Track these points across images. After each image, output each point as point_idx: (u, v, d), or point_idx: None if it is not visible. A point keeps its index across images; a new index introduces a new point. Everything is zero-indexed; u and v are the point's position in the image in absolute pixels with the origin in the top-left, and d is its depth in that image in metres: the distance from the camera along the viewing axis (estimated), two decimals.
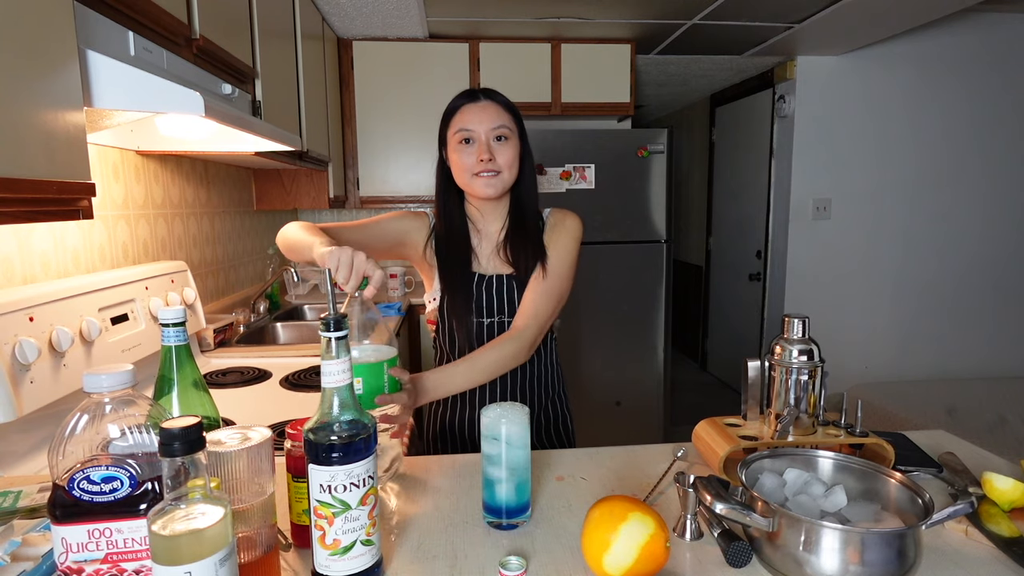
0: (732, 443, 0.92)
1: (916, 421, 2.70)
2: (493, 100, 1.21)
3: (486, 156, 1.17)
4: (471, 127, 1.18)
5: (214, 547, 0.53)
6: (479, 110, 1.19)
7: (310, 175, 2.75)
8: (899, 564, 0.66)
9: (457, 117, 1.21)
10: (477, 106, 1.19)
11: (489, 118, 1.19)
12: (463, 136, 1.19)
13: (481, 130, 1.18)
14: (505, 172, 1.20)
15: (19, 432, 1.05)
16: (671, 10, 2.74)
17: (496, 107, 1.20)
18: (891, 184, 3.66)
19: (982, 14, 3.44)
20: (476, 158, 1.18)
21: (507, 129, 1.20)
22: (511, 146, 1.20)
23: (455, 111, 1.22)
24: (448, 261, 1.26)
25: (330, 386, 0.67)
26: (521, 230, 1.25)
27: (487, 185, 1.19)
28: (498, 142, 1.19)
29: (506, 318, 1.25)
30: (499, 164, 1.19)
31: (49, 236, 1.31)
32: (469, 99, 1.21)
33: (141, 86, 0.95)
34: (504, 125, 1.19)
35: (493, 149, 1.18)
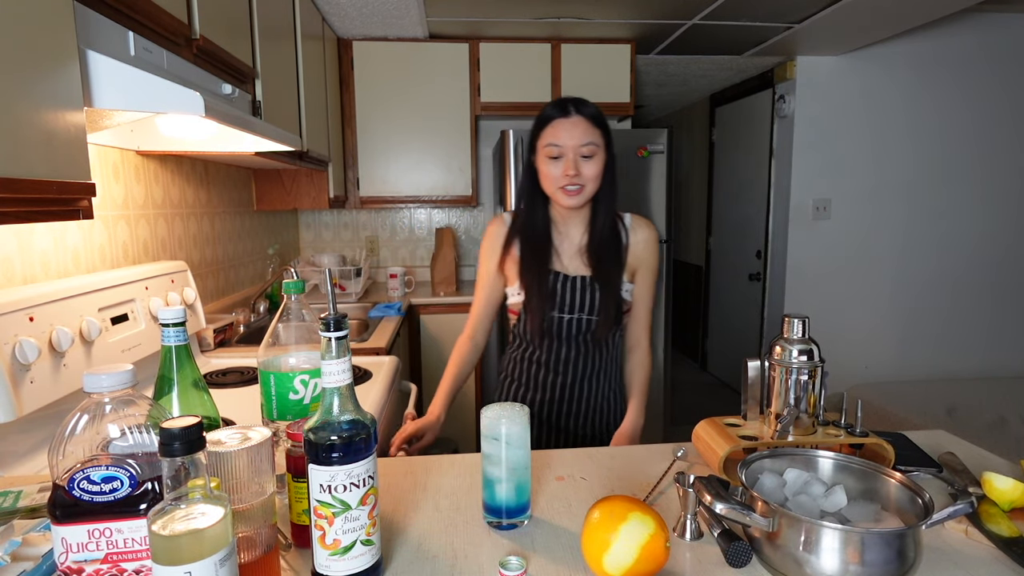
0: (732, 443, 0.92)
1: (916, 421, 2.70)
2: (583, 115, 1.25)
3: (572, 172, 1.23)
4: (560, 143, 1.24)
5: (214, 547, 0.53)
6: (570, 126, 1.24)
7: (310, 175, 2.75)
8: (899, 564, 0.66)
9: (548, 130, 1.26)
10: (568, 121, 1.24)
11: (578, 135, 1.23)
12: (552, 152, 1.25)
13: (569, 146, 1.24)
14: (589, 185, 1.26)
15: (19, 432, 1.05)
16: (671, 10, 2.74)
17: (586, 123, 1.24)
18: (891, 184, 3.66)
19: (982, 14, 3.44)
20: (563, 172, 1.24)
21: (594, 146, 1.25)
22: (597, 162, 1.26)
23: (547, 123, 1.27)
24: (529, 260, 1.33)
25: (330, 386, 0.67)
26: (602, 236, 1.33)
27: (571, 198, 1.26)
28: (585, 159, 1.25)
29: (584, 315, 1.33)
30: (584, 179, 1.25)
31: (49, 236, 1.31)
32: (561, 112, 1.25)
33: (141, 86, 0.95)
34: (592, 142, 1.24)
35: (579, 165, 1.24)
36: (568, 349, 1.36)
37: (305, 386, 0.90)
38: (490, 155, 3.51)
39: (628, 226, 1.37)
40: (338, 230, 3.51)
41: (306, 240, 3.50)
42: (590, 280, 1.33)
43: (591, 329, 1.34)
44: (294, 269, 1.35)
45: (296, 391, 0.90)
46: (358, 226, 3.53)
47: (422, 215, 3.57)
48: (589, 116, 1.25)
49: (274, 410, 0.90)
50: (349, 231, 3.53)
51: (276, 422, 0.90)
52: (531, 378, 1.41)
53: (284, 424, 0.88)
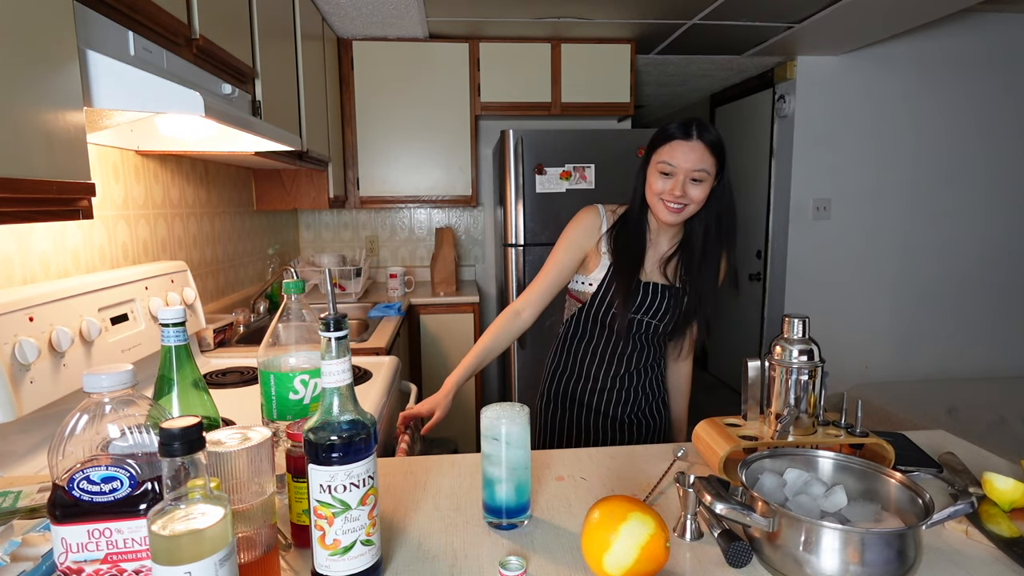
0: (732, 443, 0.92)
1: (916, 421, 2.70)
2: (703, 141, 1.26)
3: (679, 192, 1.26)
4: (674, 164, 1.26)
5: (214, 547, 0.53)
6: (687, 150, 1.25)
7: (310, 175, 2.75)
8: (899, 564, 0.66)
9: (665, 149, 1.28)
10: (687, 145, 1.26)
11: (693, 160, 1.25)
12: (664, 169, 1.27)
13: (682, 169, 1.25)
14: (692, 206, 1.29)
15: (19, 432, 1.05)
16: (671, 10, 2.74)
17: (703, 150, 1.26)
18: (891, 184, 3.66)
19: (982, 14, 3.44)
20: (669, 189, 1.27)
21: (705, 173, 1.26)
22: (705, 187, 1.28)
23: (666, 140, 1.28)
24: (622, 263, 1.36)
25: (330, 386, 0.67)
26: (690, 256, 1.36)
27: (671, 214, 1.29)
28: (693, 182, 1.27)
29: (653, 320, 1.38)
30: (688, 199, 1.27)
31: (49, 236, 1.31)
32: (682, 135, 1.27)
33: (141, 86, 0.95)
34: (704, 169, 1.26)
35: (687, 187, 1.27)
36: (626, 344, 1.42)
37: (305, 386, 0.90)
38: (490, 155, 3.51)
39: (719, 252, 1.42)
40: (338, 230, 3.51)
41: (306, 240, 3.50)
42: (662, 288, 1.37)
43: (654, 331, 1.40)
44: (294, 269, 1.35)
45: (296, 391, 0.90)
46: (358, 226, 3.53)
47: (422, 215, 3.57)
48: (708, 143, 1.27)
49: (274, 410, 0.90)
50: (349, 231, 3.53)
51: (276, 422, 0.90)
52: (585, 369, 1.45)
53: (284, 424, 0.88)
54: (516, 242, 2.87)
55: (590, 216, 1.44)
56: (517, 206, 2.84)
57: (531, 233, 2.87)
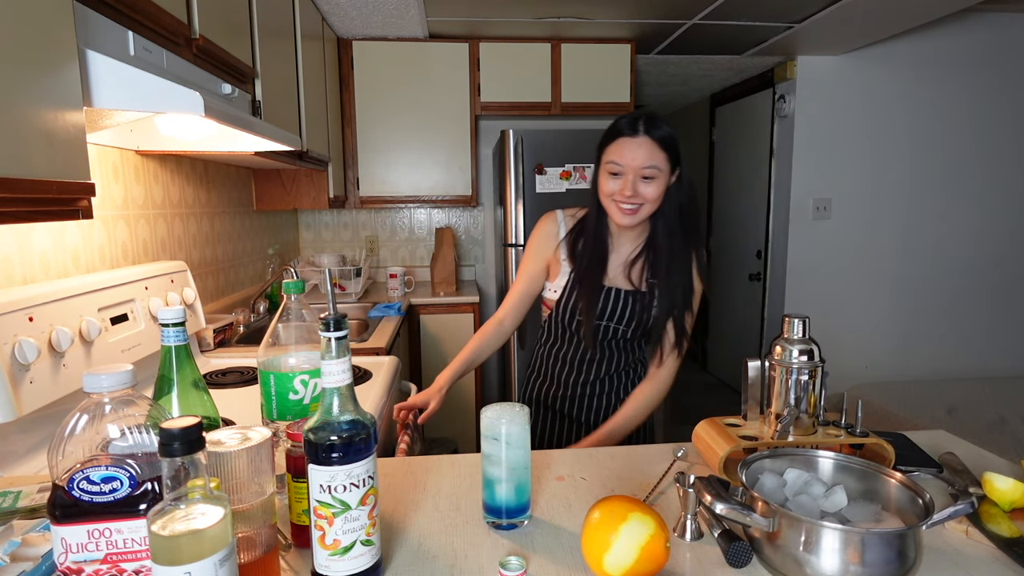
0: (732, 443, 0.92)
1: (916, 421, 2.70)
2: (651, 137, 1.21)
3: (629, 192, 1.21)
4: (622, 162, 1.21)
5: (214, 547, 0.53)
6: (634, 147, 1.21)
7: (310, 175, 2.75)
8: (899, 564, 0.66)
9: (613, 147, 1.24)
10: (634, 142, 1.21)
11: (641, 157, 1.20)
12: (613, 169, 1.23)
13: (630, 168, 1.21)
14: (647, 206, 1.24)
15: (19, 432, 1.05)
16: (671, 10, 2.74)
17: (651, 146, 1.20)
18: (891, 184, 3.66)
19: (982, 14, 3.44)
20: (620, 190, 1.22)
21: (656, 169, 1.21)
22: (658, 184, 1.22)
23: (612, 139, 1.24)
24: (583, 270, 1.32)
25: (330, 386, 0.67)
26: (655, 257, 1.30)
27: (624, 215, 1.24)
28: (645, 180, 1.22)
29: (620, 326, 1.34)
30: (641, 198, 1.22)
31: (49, 236, 1.31)
32: (629, 131, 1.22)
33: (141, 86, 0.95)
34: (654, 166, 1.21)
35: (637, 186, 1.22)
36: (595, 352, 1.38)
37: (305, 386, 0.90)
38: (490, 155, 3.51)
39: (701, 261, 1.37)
40: (338, 230, 3.51)
41: (306, 240, 3.50)
42: (629, 295, 1.33)
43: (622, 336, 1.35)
44: (294, 269, 1.36)
45: (296, 391, 0.90)
46: (358, 226, 3.53)
47: (422, 215, 3.57)
48: (657, 139, 1.21)
49: (274, 410, 0.90)
50: (349, 231, 3.53)
51: (276, 422, 0.90)
52: (555, 375, 1.42)
53: (284, 424, 0.88)
54: (516, 242, 2.87)
55: (547, 224, 1.41)
56: (517, 206, 2.84)
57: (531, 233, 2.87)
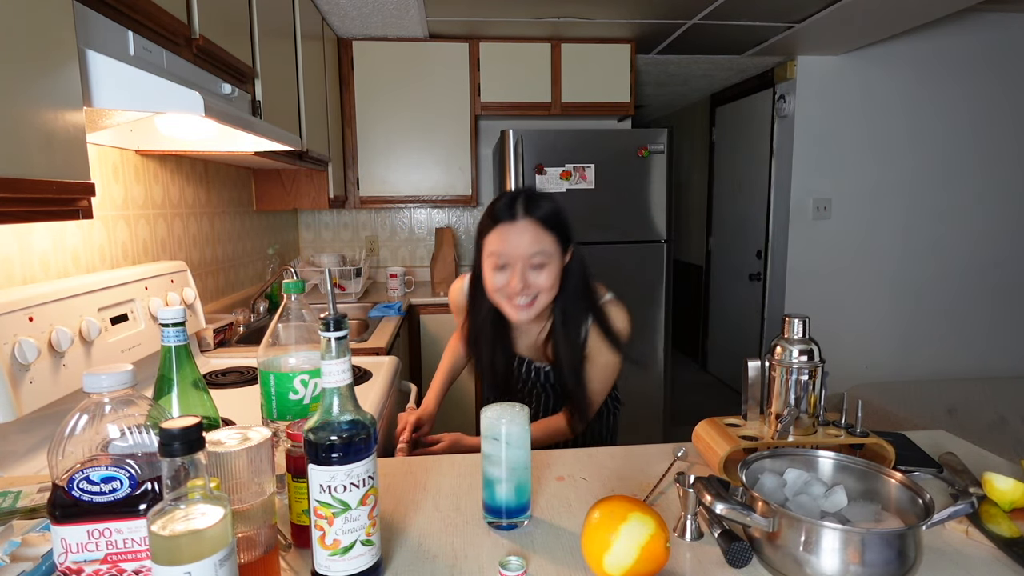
0: (732, 443, 0.92)
1: (916, 421, 2.70)
2: (533, 219, 1.09)
3: (519, 285, 1.09)
4: (506, 254, 1.09)
5: (214, 547, 0.53)
6: (516, 234, 1.09)
7: (310, 175, 2.75)
8: (899, 564, 0.66)
9: (492, 237, 1.11)
10: (514, 229, 1.09)
11: (527, 244, 1.08)
12: (496, 262, 1.11)
13: (516, 257, 1.09)
14: (542, 296, 1.12)
15: (19, 432, 1.05)
16: (671, 10, 2.74)
17: (535, 230, 1.09)
18: (891, 184, 3.66)
19: (982, 14, 3.44)
20: (508, 283, 1.11)
21: (545, 255, 1.10)
22: (550, 270, 1.11)
23: (490, 228, 1.12)
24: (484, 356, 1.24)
25: (330, 386, 0.67)
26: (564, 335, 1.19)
27: (520, 312, 1.13)
28: (535, 269, 1.10)
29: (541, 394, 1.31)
30: (535, 289, 1.11)
31: (49, 236, 1.31)
32: (507, 215, 1.10)
33: (141, 86, 0.95)
34: (542, 251, 1.09)
35: (527, 276, 1.10)
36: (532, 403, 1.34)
37: (305, 386, 0.90)
38: (490, 155, 3.51)
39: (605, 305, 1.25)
40: (338, 230, 3.51)
41: (306, 240, 3.50)
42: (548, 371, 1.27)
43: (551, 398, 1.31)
44: (294, 269, 1.35)
45: (296, 391, 0.90)
46: (358, 226, 3.53)
47: (422, 215, 3.57)
48: (540, 219, 1.09)
49: (274, 410, 0.90)
50: (349, 231, 3.53)
51: (276, 422, 0.90)
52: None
53: (284, 424, 0.88)
54: None
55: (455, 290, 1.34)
56: None
57: None
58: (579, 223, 3.09)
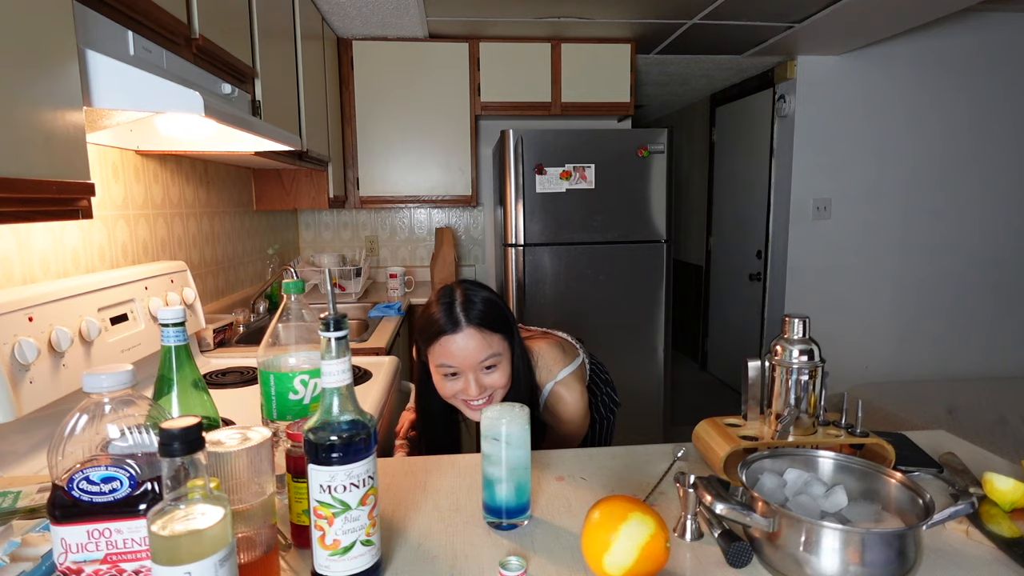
0: (732, 443, 0.92)
1: (916, 421, 2.70)
2: (474, 325, 1.06)
3: (475, 391, 1.08)
4: (456, 364, 1.08)
5: (214, 547, 0.53)
6: (462, 343, 1.06)
7: (310, 175, 2.75)
8: (899, 564, 0.66)
9: (438, 349, 1.08)
10: (460, 338, 1.06)
11: (475, 351, 1.06)
12: (447, 372, 1.09)
13: (467, 366, 1.07)
14: (498, 393, 1.12)
15: (19, 432, 1.05)
16: (671, 10, 2.74)
17: (480, 335, 1.06)
18: (891, 184, 3.66)
19: (982, 14, 3.44)
20: (463, 390, 1.09)
21: (497, 356, 1.08)
22: (503, 368, 1.10)
23: (433, 341, 1.08)
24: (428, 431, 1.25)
25: (330, 386, 0.67)
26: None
27: (476, 411, 1.11)
28: (488, 371, 1.09)
29: None
30: (491, 391, 1.11)
31: (49, 236, 1.31)
32: (450, 327, 1.06)
33: (141, 86, 0.95)
34: (494, 354, 1.08)
35: (482, 380, 1.09)
36: None
37: (305, 386, 0.90)
38: (490, 155, 3.51)
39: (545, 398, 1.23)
40: (338, 230, 3.51)
41: (306, 240, 3.50)
42: None
43: None
44: (294, 269, 1.35)
45: (296, 391, 0.90)
46: (358, 226, 3.53)
47: (422, 215, 3.57)
48: (481, 322, 1.06)
49: (274, 410, 0.90)
50: (349, 231, 3.53)
51: (276, 422, 0.90)
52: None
53: (284, 424, 0.88)
54: (516, 242, 2.87)
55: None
56: (517, 206, 2.84)
57: (531, 233, 2.87)
58: (579, 223, 3.09)
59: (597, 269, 2.98)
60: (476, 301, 1.08)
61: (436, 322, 1.08)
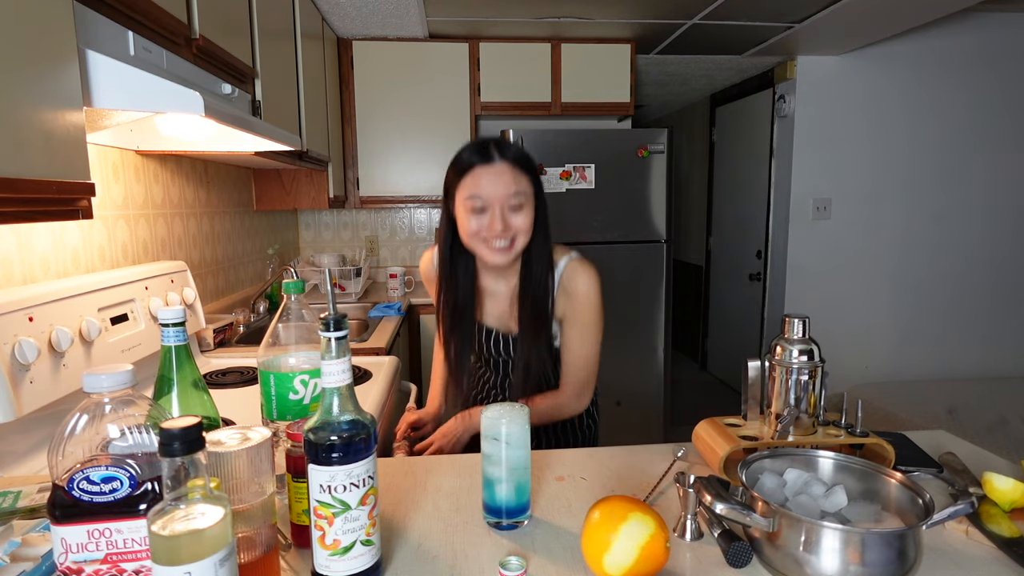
0: (732, 443, 0.92)
1: (916, 421, 2.70)
2: (508, 161, 1.09)
3: (500, 227, 1.09)
4: (484, 196, 1.08)
5: (214, 547, 0.53)
6: (494, 176, 1.08)
7: (310, 175, 2.75)
8: (899, 564, 0.66)
9: (469, 180, 1.10)
10: (491, 170, 1.08)
11: (505, 185, 1.08)
12: (474, 205, 1.09)
13: (495, 199, 1.08)
14: (520, 239, 1.12)
15: (19, 432, 1.05)
16: (671, 10, 2.74)
17: (511, 171, 1.09)
18: (891, 184, 3.66)
19: (982, 14, 3.44)
20: (488, 226, 1.10)
21: (524, 196, 1.10)
22: (528, 212, 1.11)
23: (465, 173, 1.11)
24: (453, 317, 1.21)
25: (330, 386, 0.67)
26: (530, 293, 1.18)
27: (499, 255, 1.11)
28: (513, 211, 1.10)
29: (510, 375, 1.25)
30: (514, 231, 1.11)
31: (49, 236, 1.31)
32: (482, 159, 1.09)
33: (141, 86, 0.95)
34: (520, 192, 1.09)
35: (508, 219, 1.09)
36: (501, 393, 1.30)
37: (305, 386, 0.90)
38: None
39: (561, 273, 1.22)
40: (338, 230, 3.51)
41: (306, 240, 3.50)
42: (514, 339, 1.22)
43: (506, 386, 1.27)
44: (294, 269, 1.35)
45: (296, 391, 0.90)
46: (358, 226, 3.53)
47: (422, 215, 3.57)
48: (514, 160, 1.09)
49: (274, 410, 0.90)
50: (349, 231, 3.53)
51: (276, 422, 0.90)
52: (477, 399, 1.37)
53: (284, 424, 0.88)
54: None
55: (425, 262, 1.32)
56: None
57: None
58: (579, 223, 3.08)
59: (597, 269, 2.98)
60: (509, 145, 1.12)
61: (468, 156, 1.11)
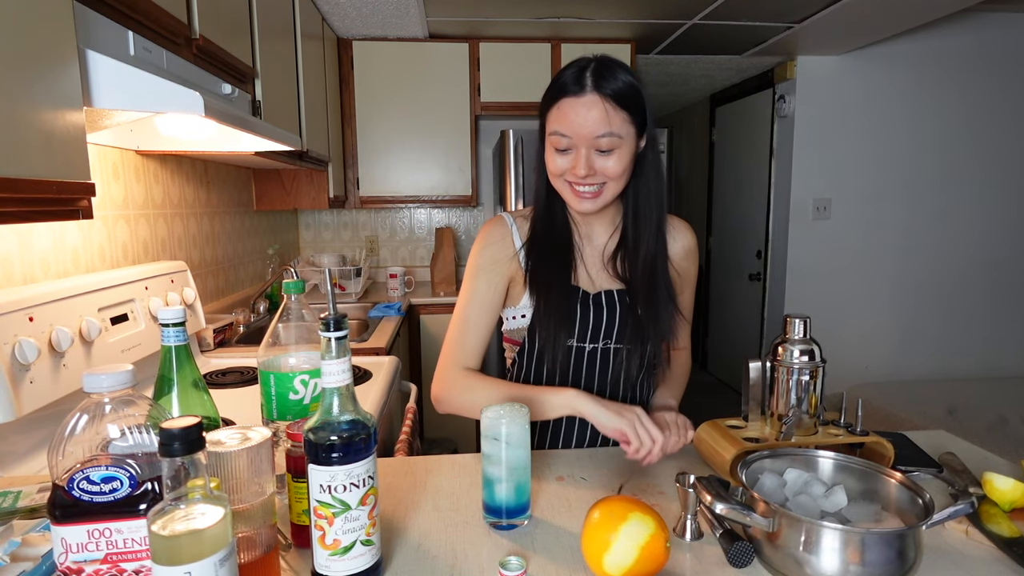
0: (738, 446, 0.92)
1: (916, 421, 2.70)
2: (601, 94, 0.92)
3: (583, 171, 0.94)
4: (568, 134, 0.94)
5: (214, 547, 0.53)
6: (582, 110, 0.92)
7: (310, 175, 2.75)
8: (899, 564, 0.66)
9: (555, 112, 0.95)
10: (580, 103, 0.92)
11: (592, 123, 0.92)
12: (558, 143, 0.96)
13: (580, 138, 0.94)
14: (609, 186, 0.97)
15: (19, 432, 1.05)
16: (671, 10, 2.74)
17: (604, 107, 0.92)
18: (891, 184, 3.66)
19: (982, 14, 3.44)
20: (571, 168, 0.96)
21: (615, 138, 0.93)
22: (621, 155, 0.95)
23: (554, 102, 0.96)
24: (543, 272, 1.03)
25: (330, 386, 0.67)
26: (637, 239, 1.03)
27: (583, 201, 0.98)
28: (602, 153, 0.94)
29: (612, 344, 1.05)
30: (601, 177, 0.96)
31: (49, 236, 1.31)
32: (575, 87, 0.93)
33: (141, 86, 0.95)
34: (612, 133, 0.92)
35: (593, 162, 0.94)
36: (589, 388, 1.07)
37: (305, 386, 0.90)
38: (490, 155, 3.51)
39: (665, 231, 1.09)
40: (338, 230, 3.51)
41: (306, 240, 3.50)
42: (619, 295, 1.05)
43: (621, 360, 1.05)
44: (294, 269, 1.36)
45: (296, 391, 0.90)
46: (358, 226, 3.53)
47: (422, 215, 3.57)
48: (611, 94, 0.92)
49: (274, 410, 0.90)
50: (349, 231, 3.53)
51: (276, 422, 0.90)
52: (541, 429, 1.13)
53: (284, 424, 0.88)
54: None
55: (495, 229, 1.08)
56: (517, 206, 2.84)
57: None
58: None
59: None
60: (613, 71, 0.94)
61: (562, 81, 0.95)
